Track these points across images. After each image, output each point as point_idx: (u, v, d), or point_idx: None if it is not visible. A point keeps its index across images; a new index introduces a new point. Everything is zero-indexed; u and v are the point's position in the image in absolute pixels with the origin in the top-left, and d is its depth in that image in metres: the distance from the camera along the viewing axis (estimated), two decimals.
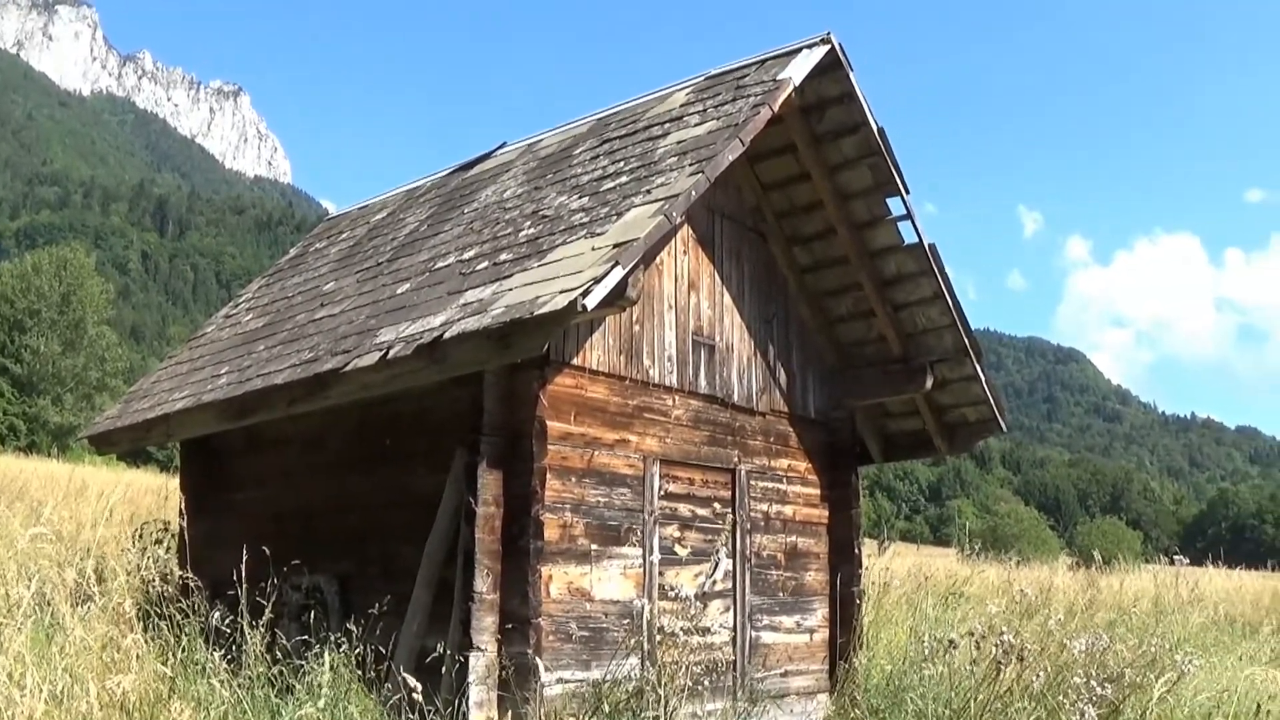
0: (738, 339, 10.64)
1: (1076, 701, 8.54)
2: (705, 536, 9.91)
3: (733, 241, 10.69)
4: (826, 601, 11.40)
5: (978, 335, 11.32)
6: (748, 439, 10.68)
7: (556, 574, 8.46)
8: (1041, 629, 10.83)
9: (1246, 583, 26.89)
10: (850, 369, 11.77)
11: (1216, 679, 10.85)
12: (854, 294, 11.32)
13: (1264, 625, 18.12)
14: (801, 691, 10.92)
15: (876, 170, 10.45)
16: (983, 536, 60.32)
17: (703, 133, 9.40)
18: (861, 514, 11.92)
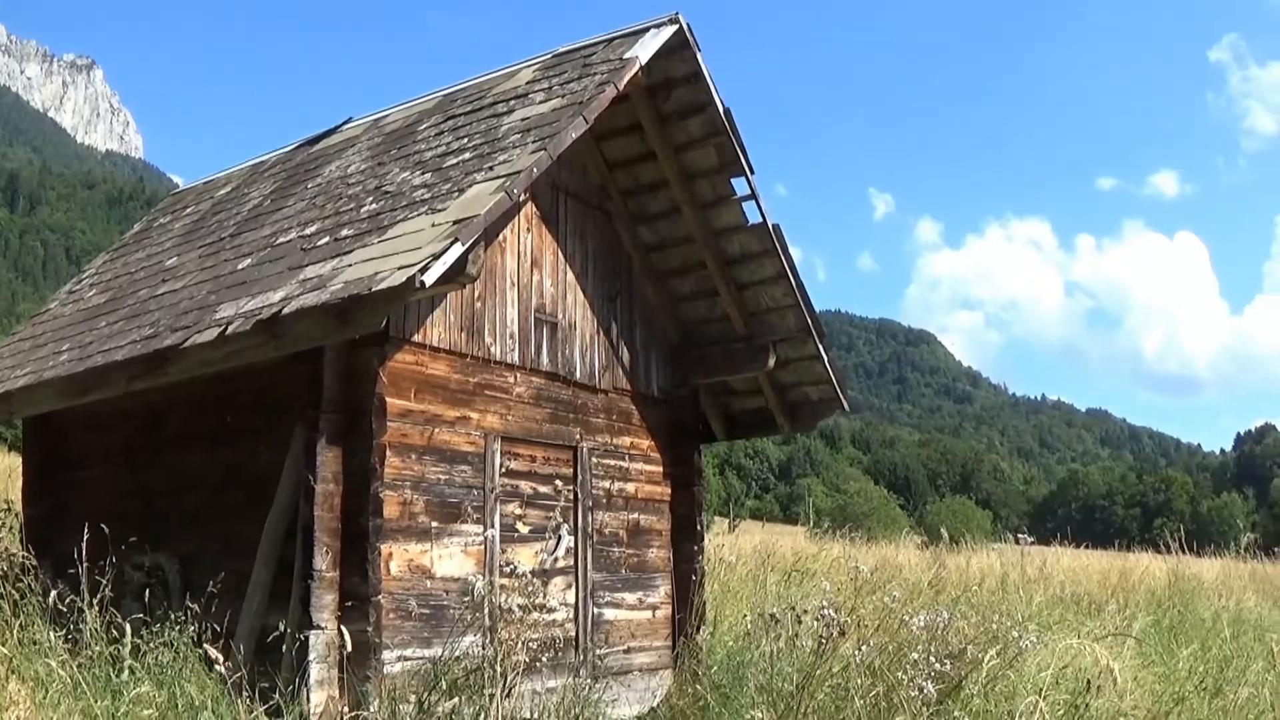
0: (580, 317, 10.94)
1: (915, 677, 8.78)
2: (547, 514, 10.20)
3: (577, 219, 10.99)
4: (669, 578, 11.77)
5: (829, 316, 11.87)
6: (590, 416, 11.00)
7: (397, 551, 8.67)
8: (881, 605, 11.24)
9: (1093, 562, 27.70)
10: (694, 347, 12.13)
11: (1058, 656, 11.31)
12: (698, 273, 11.68)
13: (1110, 603, 18.76)
14: (645, 668, 11.28)
15: (722, 150, 10.81)
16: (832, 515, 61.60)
17: (547, 110, 9.68)
18: (704, 491, 12.36)
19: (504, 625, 8.37)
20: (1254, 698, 10.03)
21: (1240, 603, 18.80)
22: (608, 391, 11.27)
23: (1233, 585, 21.22)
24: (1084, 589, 20.62)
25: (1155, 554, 25.40)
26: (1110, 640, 12.53)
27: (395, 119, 12.01)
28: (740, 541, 20.92)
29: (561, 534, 10.37)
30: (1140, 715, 9.59)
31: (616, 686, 10.46)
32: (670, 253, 11.75)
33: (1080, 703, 8.47)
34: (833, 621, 8.62)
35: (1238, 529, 26.18)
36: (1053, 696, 9.14)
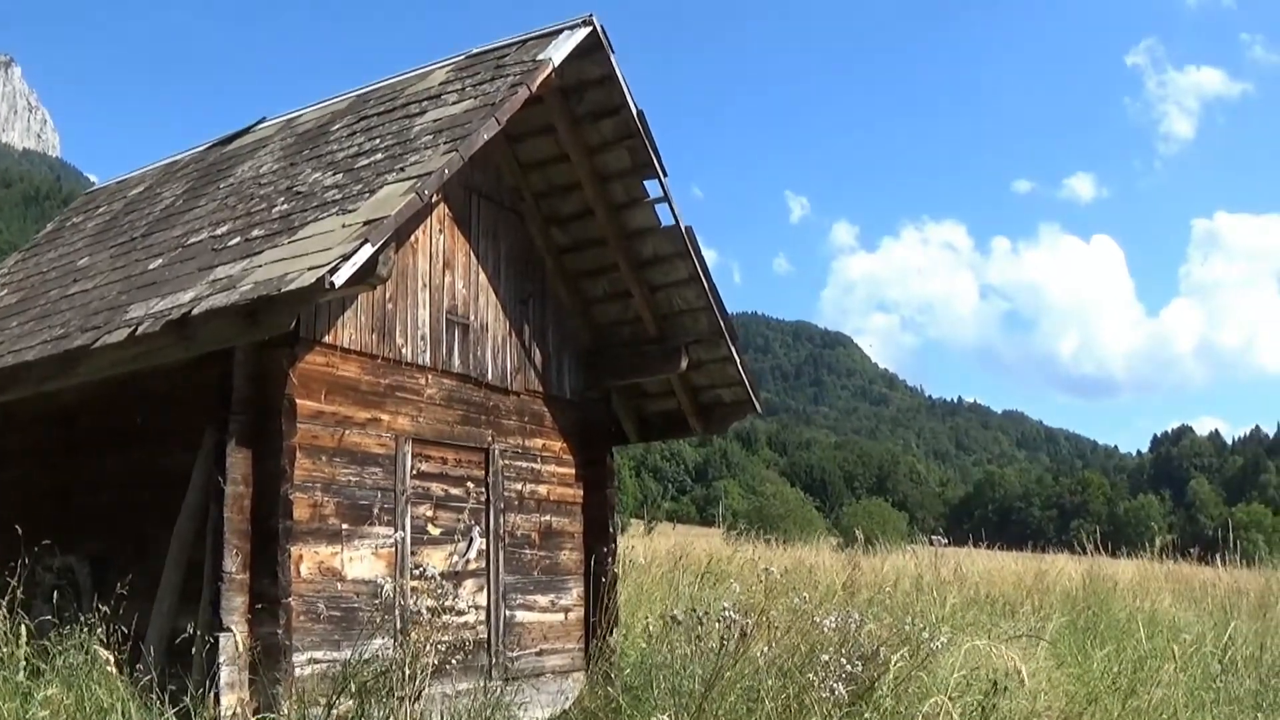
0: (493, 318, 11.10)
1: (826, 679, 8.90)
2: (458, 516, 10.32)
3: (490, 221, 11.15)
4: (581, 580, 11.95)
5: (745, 319, 12.20)
6: (502, 418, 11.16)
7: (307, 553, 8.79)
8: (793, 607, 11.43)
9: (1009, 563, 28.14)
10: (606, 349, 12.33)
11: (969, 657, 11.48)
12: (611, 275, 11.89)
13: (1024, 605, 19.04)
14: (557, 670, 11.46)
15: (635, 152, 11.04)
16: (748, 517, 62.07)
17: (459, 111, 9.85)
18: (617, 493, 12.53)
19: (414, 628, 8.45)
20: (1167, 698, 10.28)
21: (1156, 604, 19.01)
22: (520, 393, 11.42)
23: (1149, 586, 21.44)
24: (999, 590, 20.90)
25: (1071, 555, 25.82)
26: (1024, 641, 12.78)
27: (308, 119, 12.10)
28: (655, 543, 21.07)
29: (473, 536, 10.50)
30: (1053, 716, 9.83)
31: (528, 689, 10.63)
32: (583, 255, 11.93)
33: (988, 704, 8.59)
34: (734, 623, 8.78)
35: (1154, 530, 26.65)
36: (965, 698, 9.29)
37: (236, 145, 12.70)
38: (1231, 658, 13.05)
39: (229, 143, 12.97)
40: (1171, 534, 31.95)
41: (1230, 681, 12.10)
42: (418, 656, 8.23)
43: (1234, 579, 21.13)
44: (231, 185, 11.20)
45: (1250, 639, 13.95)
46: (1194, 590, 21.61)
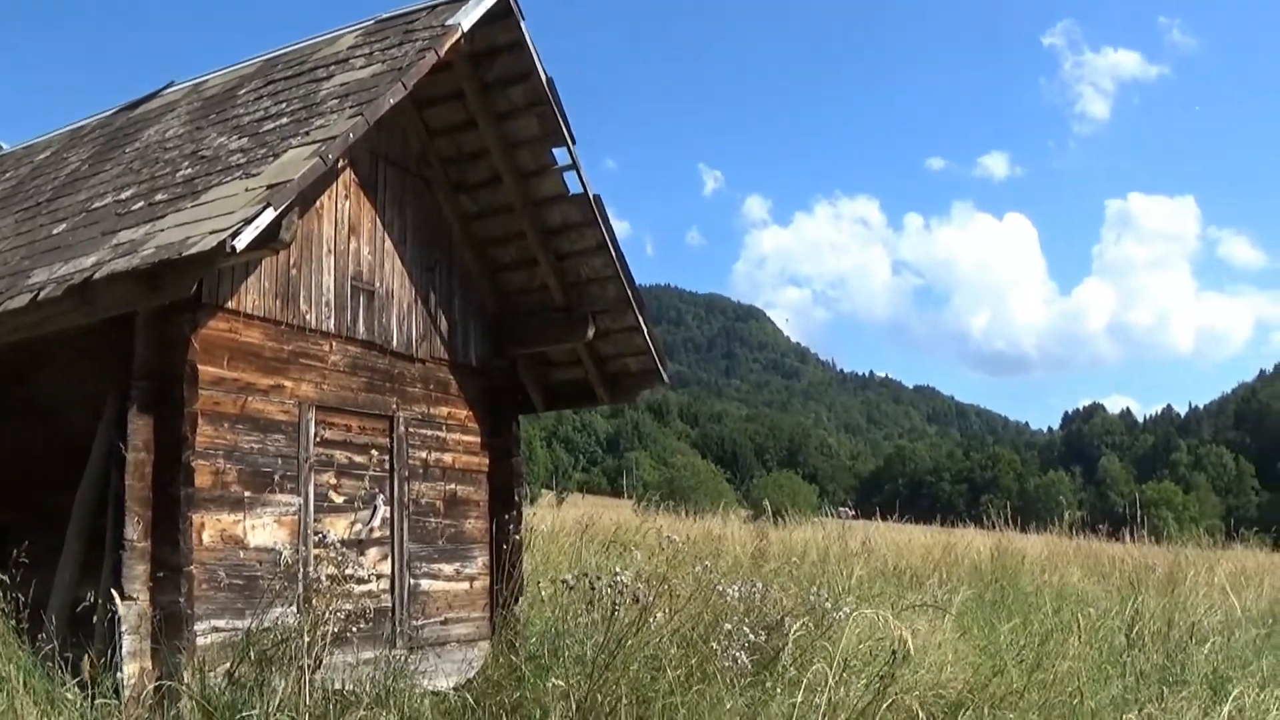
0: (398, 285, 11.21)
1: (729, 648, 9.13)
2: (362, 484, 10.37)
3: (397, 187, 11.26)
4: (487, 549, 12.12)
5: (658, 291, 12.35)
6: (407, 386, 11.28)
7: (209, 521, 8.87)
8: (697, 576, 11.61)
9: (917, 536, 28.61)
10: (513, 317, 12.50)
11: (874, 628, 11.67)
12: (518, 243, 12.06)
13: (932, 577, 19.32)
14: (462, 639, 11.63)
15: (544, 120, 11.20)
16: (659, 488, 62.55)
17: (366, 76, 9.95)
18: (523, 462, 12.69)
19: (315, 596, 8.53)
20: (1074, 671, 10.46)
21: (1064, 578, 19.50)
22: (425, 361, 11.55)
23: (1057, 561, 21.89)
24: (907, 563, 21.26)
25: (980, 529, 26.33)
26: (931, 613, 13.05)
27: (216, 84, 12.09)
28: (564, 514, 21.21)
29: (377, 504, 10.62)
30: (958, 688, 10.03)
31: (433, 658, 10.69)
32: (491, 222, 12.08)
33: (887, 674, 8.69)
34: (626, 589, 8.95)
35: (1063, 506, 27.11)
36: (870, 669, 9.43)
37: (144, 110, 12.65)
38: (1139, 632, 13.43)
39: (136, 107, 12.91)
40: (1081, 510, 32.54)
41: (1136, 656, 12.45)
42: (318, 625, 8.33)
43: (1143, 555, 21.38)
44: (137, 149, 11.18)
45: (1158, 614, 14.27)
46: (1103, 566, 22.04)
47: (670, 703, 8.26)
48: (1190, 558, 21.91)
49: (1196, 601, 15.92)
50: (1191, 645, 12.83)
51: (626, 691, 8.33)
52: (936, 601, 14.76)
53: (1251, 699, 9.83)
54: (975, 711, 9.20)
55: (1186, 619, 14.07)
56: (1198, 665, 12.06)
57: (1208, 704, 10.11)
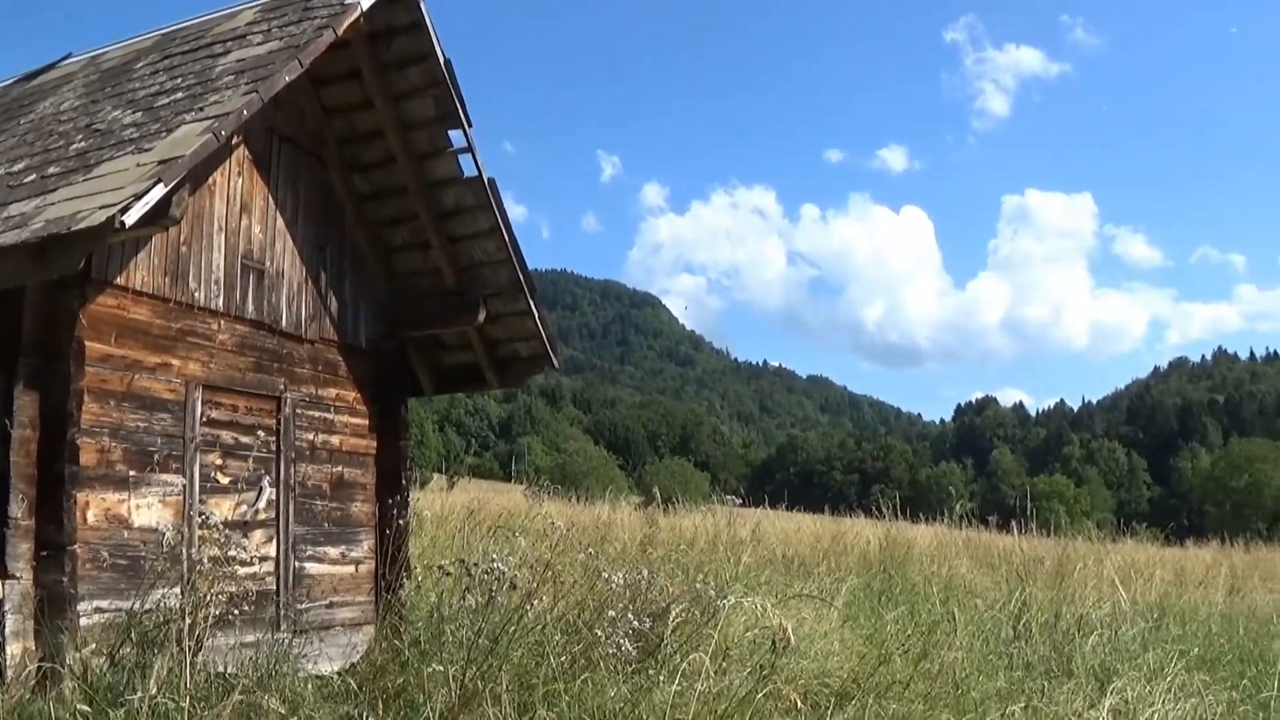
0: (289, 264, 11.31)
1: (613, 635, 9.40)
2: (249, 465, 10.45)
3: (291, 165, 11.35)
4: (373, 533, 12.24)
5: (555, 276, 12.51)
6: (295, 367, 11.39)
7: (94, 500, 8.95)
8: (582, 563, 11.81)
9: (807, 525, 29.06)
10: (404, 300, 12.63)
11: (758, 616, 11.80)
12: (411, 224, 12.22)
13: (819, 566, 19.60)
14: (347, 623, 11.76)
15: (440, 101, 11.39)
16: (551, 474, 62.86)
17: (263, 52, 10.08)
18: (410, 446, 12.84)
19: (200, 578, 8.59)
20: (959, 661, 10.88)
21: (953, 569, 19.97)
22: (314, 341, 11.66)
23: (946, 552, 22.45)
24: (796, 551, 21.63)
25: (870, 519, 26.75)
26: (818, 602, 13.32)
27: (114, 56, 12.12)
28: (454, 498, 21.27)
29: (263, 486, 10.73)
30: (843, 676, 10.22)
31: (318, 641, 10.82)
32: (384, 203, 12.23)
33: (768, 663, 8.95)
34: (504, 576, 9.16)
35: (954, 497, 27.60)
36: (755, 657, 9.71)
37: (40, 81, 12.63)
38: (1026, 624, 13.81)
39: (33, 78, 12.88)
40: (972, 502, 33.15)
41: (1023, 648, 12.85)
42: (200, 607, 8.38)
43: (1032, 547, 21.97)
44: (32, 122, 11.18)
45: (1045, 606, 14.70)
46: (992, 557, 22.57)
47: (553, 689, 8.44)
48: (1080, 551, 22.51)
49: (1085, 594, 16.41)
50: (1078, 637, 13.16)
51: (509, 678, 8.48)
52: (824, 590, 15.07)
53: (1136, 691, 10.11)
54: (860, 701, 9.32)
55: (1074, 611, 14.50)
56: (1084, 657, 12.36)
57: (1093, 696, 10.33)
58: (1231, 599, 20.28)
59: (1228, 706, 10.29)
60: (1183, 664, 11.20)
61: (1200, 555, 31.60)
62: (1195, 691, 10.24)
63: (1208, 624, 15.56)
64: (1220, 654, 13.35)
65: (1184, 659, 11.53)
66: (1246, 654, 13.52)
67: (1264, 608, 18.49)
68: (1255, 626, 15.91)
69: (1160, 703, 9.66)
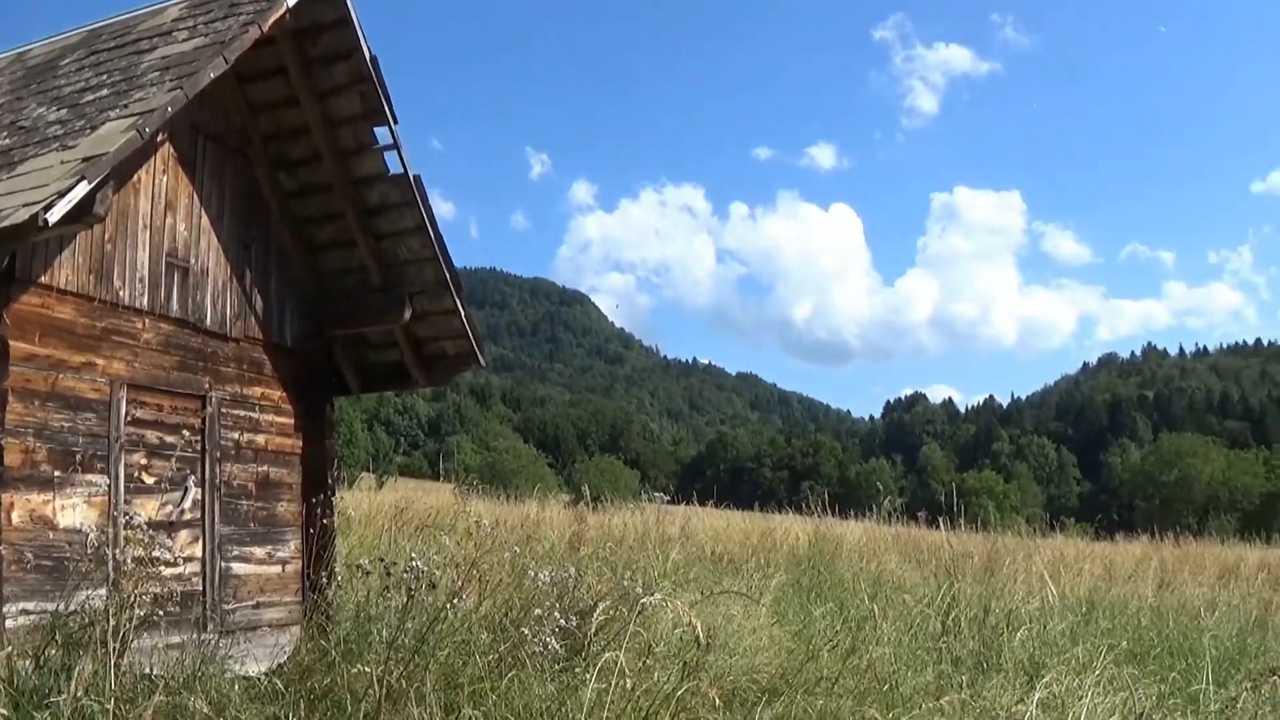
0: (214, 263, 11.34)
1: (539, 633, 9.47)
2: (174, 465, 10.46)
3: (216, 163, 11.38)
4: (300, 533, 12.27)
5: (483, 274, 12.55)
6: (220, 366, 11.42)
7: (19, 501, 8.98)
8: (508, 561, 11.89)
9: (736, 522, 29.26)
10: (330, 298, 12.69)
11: (686, 613, 11.88)
12: (337, 222, 12.28)
13: (749, 563, 19.77)
14: (274, 624, 11.80)
15: (366, 98, 11.46)
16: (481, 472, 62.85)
17: (189, 49, 10.11)
18: (336, 445, 12.91)
19: (125, 578, 8.62)
20: (888, 656, 10.99)
21: (881, 565, 20.20)
22: (239, 340, 11.68)
23: (875, 548, 22.69)
24: (725, 548, 21.82)
25: (800, 516, 26.99)
26: (747, 598, 13.43)
27: (39, 53, 12.09)
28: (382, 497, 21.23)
29: (188, 486, 10.77)
30: (771, 672, 10.49)
31: (244, 642, 10.84)
32: (310, 200, 12.29)
33: (693, 660, 9.06)
34: (424, 575, 9.21)
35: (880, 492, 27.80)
36: (683, 655, 9.70)
37: None
38: (955, 619, 13.96)
39: None
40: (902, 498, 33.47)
41: (952, 642, 13.04)
42: (125, 608, 8.36)
43: (961, 543, 22.24)
44: None
45: (974, 601, 14.88)
46: (921, 553, 22.85)
47: (479, 689, 8.53)
48: (1009, 546, 22.87)
49: (1014, 589, 16.63)
50: (1007, 632, 13.35)
51: (435, 677, 8.53)
52: (754, 587, 15.23)
53: (1065, 685, 10.19)
54: (788, 697, 9.45)
55: (1003, 606, 14.68)
56: (1013, 652, 12.56)
57: (1022, 690, 10.47)
58: (1161, 593, 20.51)
59: (1157, 700, 10.37)
60: (1112, 658, 11.34)
61: (1130, 550, 32.12)
62: (1125, 685, 10.34)
63: (1137, 618, 15.83)
64: (1150, 648, 13.59)
65: (1113, 653, 11.67)
66: (1176, 648, 13.74)
67: (1193, 601, 18.73)
68: (1185, 620, 16.12)
69: (1089, 696, 9.69)
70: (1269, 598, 19.64)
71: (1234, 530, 54.50)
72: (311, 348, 12.66)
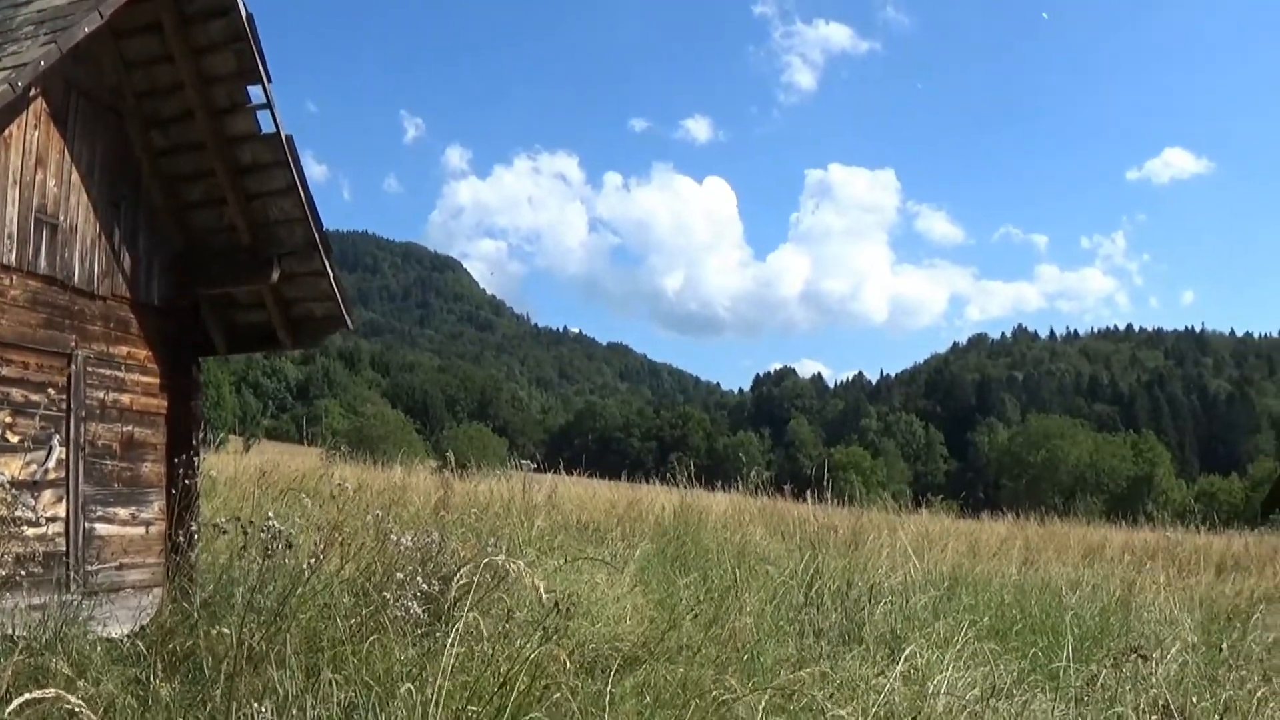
0: (83, 220, 11.29)
1: (401, 598, 9.58)
2: (39, 424, 10.50)
3: (88, 119, 11.32)
4: (164, 494, 12.27)
5: (356, 238, 12.61)
6: (87, 324, 11.37)
7: None
8: (369, 525, 11.99)
9: (603, 491, 29.52)
10: (198, 257, 12.65)
11: (562, 581, 11.98)
12: (208, 181, 12.27)
13: (614, 532, 19.96)
14: (138, 585, 11.78)
15: (241, 56, 11.50)
16: (348, 437, 62.64)
17: (64, 3, 10.09)
18: (202, 405, 12.91)
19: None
20: (750, 626, 11.29)
21: (746, 536, 20.41)
22: (107, 298, 11.65)
23: (741, 519, 23.00)
24: (590, 517, 22.07)
25: (667, 486, 27.26)
26: (611, 567, 13.65)
27: None
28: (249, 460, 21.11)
29: (52, 445, 10.72)
30: (633, 640, 10.65)
31: (108, 604, 10.84)
32: (181, 158, 12.26)
33: (552, 626, 9.18)
34: (278, 534, 9.32)
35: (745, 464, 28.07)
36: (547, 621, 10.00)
37: None
38: (818, 591, 14.20)
39: None
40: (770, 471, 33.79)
41: (814, 614, 13.25)
42: None
43: (827, 516, 22.62)
44: None
45: (838, 574, 15.10)
46: (786, 525, 23.06)
47: (341, 652, 8.57)
48: (875, 521, 23.29)
49: (878, 563, 16.91)
50: (870, 605, 13.61)
51: (298, 640, 8.61)
52: (618, 556, 15.45)
53: (926, 659, 10.36)
54: (649, 666, 9.60)
55: (866, 580, 14.91)
56: (875, 625, 12.83)
57: (883, 663, 10.54)
58: (1025, 571, 20.85)
59: (1018, 675, 10.63)
60: (974, 633, 11.53)
61: (995, 528, 32.53)
62: (986, 660, 10.58)
63: (1000, 595, 16.02)
64: (1012, 624, 13.81)
65: (975, 628, 11.89)
66: (1038, 625, 13.94)
67: (1057, 580, 19.15)
68: (1048, 598, 16.34)
69: (950, 670, 9.84)
70: (1132, 578, 20.16)
71: (1100, 512, 55.85)
72: (179, 307, 12.63)
